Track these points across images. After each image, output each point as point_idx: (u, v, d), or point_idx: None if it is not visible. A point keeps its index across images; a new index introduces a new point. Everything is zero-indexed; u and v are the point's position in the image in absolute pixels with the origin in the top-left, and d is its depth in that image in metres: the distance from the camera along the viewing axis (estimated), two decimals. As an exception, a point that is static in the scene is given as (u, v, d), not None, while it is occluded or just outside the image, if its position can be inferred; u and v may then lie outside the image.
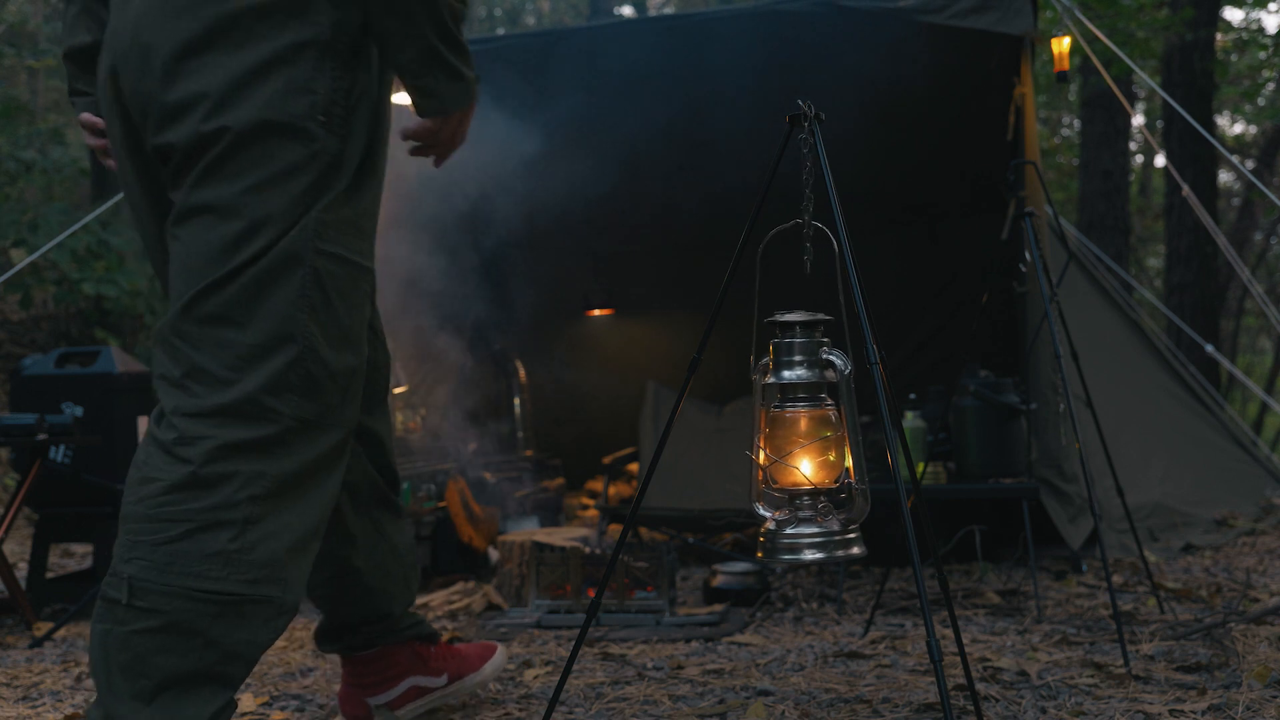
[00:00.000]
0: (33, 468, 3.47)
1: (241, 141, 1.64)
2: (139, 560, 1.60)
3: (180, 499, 1.61)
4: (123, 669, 1.60)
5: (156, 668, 1.60)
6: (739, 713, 2.27)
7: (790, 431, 1.92)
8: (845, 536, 1.89)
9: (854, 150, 3.54)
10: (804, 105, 1.97)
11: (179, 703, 1.61)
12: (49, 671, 2.86)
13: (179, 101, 1.66)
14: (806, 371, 1.92)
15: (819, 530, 1.89)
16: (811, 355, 1.93)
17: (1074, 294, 4.62)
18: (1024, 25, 3.86)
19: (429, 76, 1.76)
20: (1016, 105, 4.01)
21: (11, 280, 6.85)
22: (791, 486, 1.93)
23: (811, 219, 1.96)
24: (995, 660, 2.61)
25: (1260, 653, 2.55)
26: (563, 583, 3.36)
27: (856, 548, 1.90)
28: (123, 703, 1.59)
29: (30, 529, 5.16)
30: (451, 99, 1.78)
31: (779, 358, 1.94)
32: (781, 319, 1.94)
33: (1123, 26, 8.14)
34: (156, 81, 1.67)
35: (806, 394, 1.93)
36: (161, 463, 1.64)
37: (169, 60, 1.66)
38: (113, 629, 1.61)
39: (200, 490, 1.62)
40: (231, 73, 1.65)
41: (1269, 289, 12.90)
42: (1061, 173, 12.81)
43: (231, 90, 1.64)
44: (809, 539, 1.89)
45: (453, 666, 2.26)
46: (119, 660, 1.60)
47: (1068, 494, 3.87)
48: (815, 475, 1.91)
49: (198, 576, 1.59)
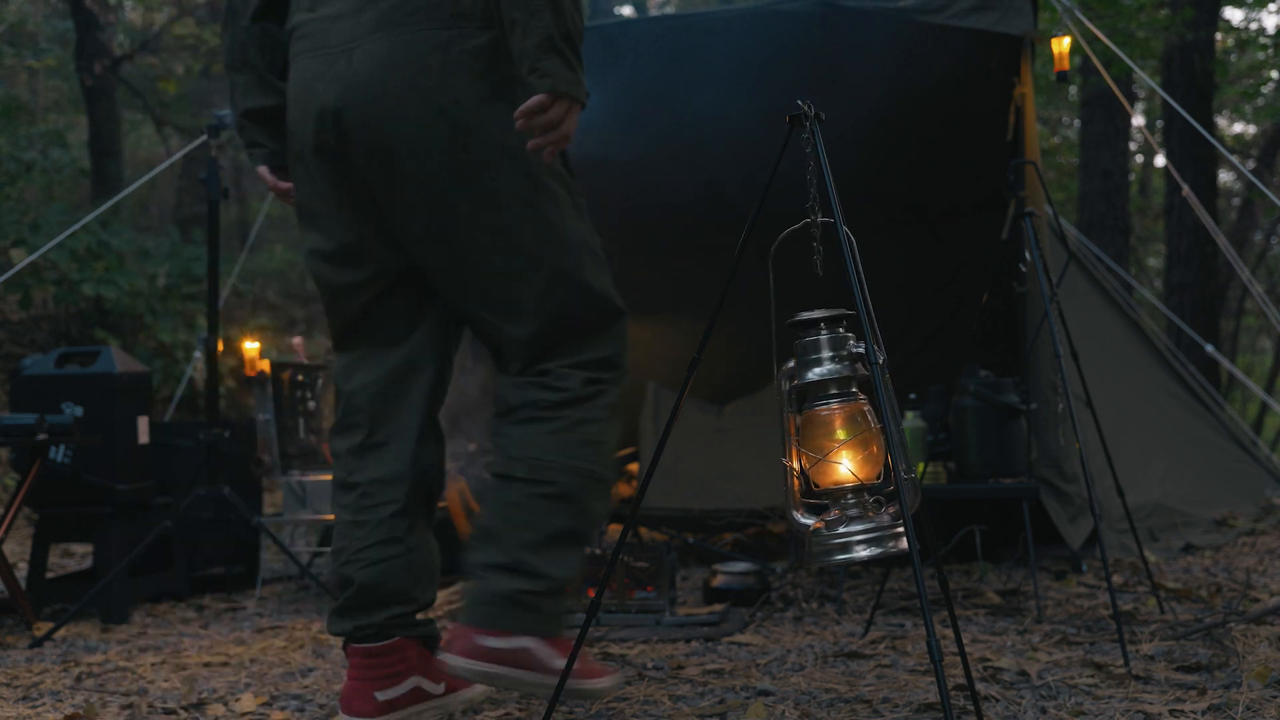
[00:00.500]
0: (33, 468, 3.47)
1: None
2: (535, 446, 2.04)
3: (565, 410, 2.06)
4: (517, 525, 2.02)
5: (546, 525, 2.02)
6: (739, 713, 2.27)
7: (828, 430, 1.91)
8: (894, 530, 1.88)
9: (854, 150, 3.54)
10: (804, 105, 1.97)
11: (561, 553, 2.03)
12: (49, 671, 2.86)
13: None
14: (836, 366, 1.91)
15: (870, 526, 1.87)
16: (839, 350, 1.92)
17: (1074, 294, 4.62)
18: (1024, 25, 3.86)
19: (546, 60, 1.92)
20: (1016, 105, 4.01)
21: (11, 280, 6.85)
22: (835, 486, 1.91)
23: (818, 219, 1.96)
24: (995, 660, 2.61)
25: (1260, 653, 2.55)
26: (563, 583, 3.35)
27: (905, 541, 1.88)
28: (512, 552, 2.00)
29: (30, 529, 5.16)
30: (563, 82, 1.92)
31: (805, 357, 1.93)
32: (804, 317, 1.93)
33: (1123, 26, 8.14)
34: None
35: (838, 390, 1.92)
36: (540, 394, 2.07)
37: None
38: (512, 495, 2.03)
39: (579, 403, 2.07)
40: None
41: (1269, 289, 12.90)
42: (1061, 173, 12.80)
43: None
44: (861, 535, 1.86)
45: (450, 678, 2.26)
46: (515, 518, 2.02)
47: (1068, 494, 3.87)
48: (860, 471, 1.90)
49: (581, 459, 2.02)
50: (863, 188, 4.23)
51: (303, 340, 4.20)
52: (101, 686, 2.70)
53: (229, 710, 2.44)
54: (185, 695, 2.56)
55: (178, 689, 2.64)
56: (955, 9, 3.88)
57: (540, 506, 2.04)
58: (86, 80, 9.47)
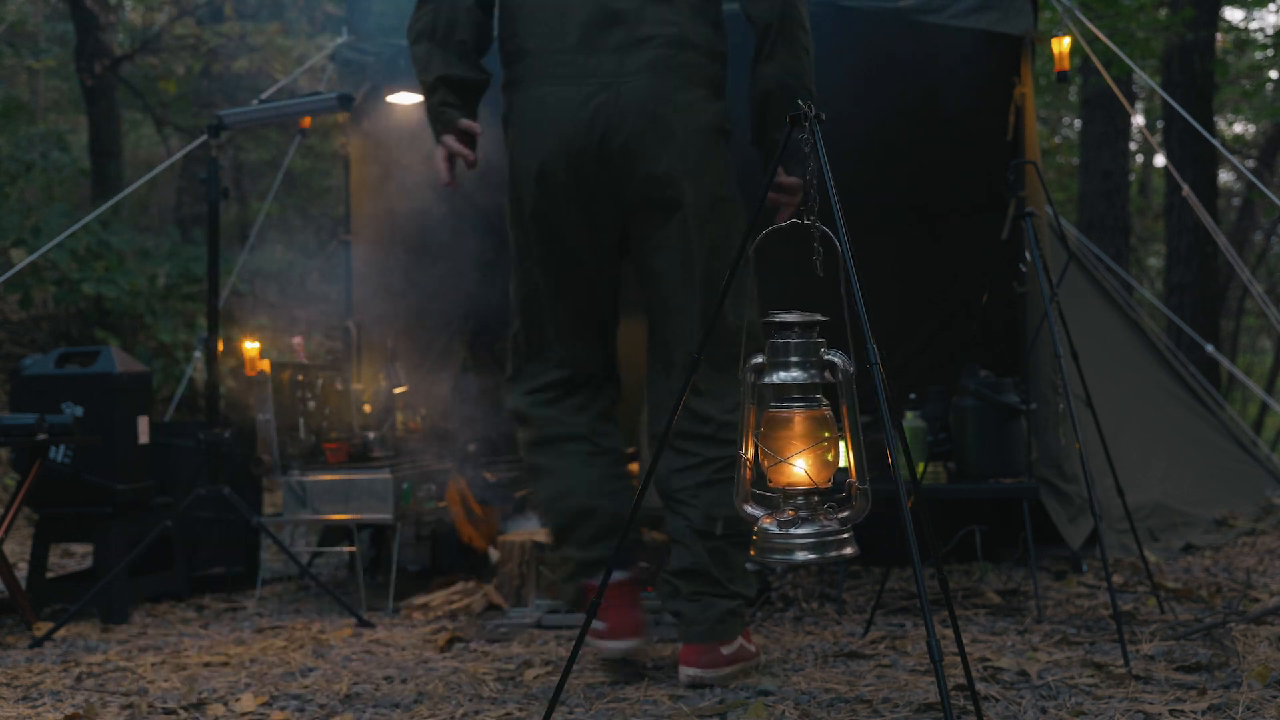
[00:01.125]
0: (33, 468, 3.47)
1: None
2: (726, 505, 2.50)
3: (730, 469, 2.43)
4: (720, 565, 2.54)
5: (736, 562, 2.58)
6: (739, 713, 2.27)
7: (787, 431, 1.90)
8: (839, 536, 1.88)
9: (854, 150, 3.53)
10: (804, 105, 1.97)
11: (746, 579, 2.60)
12: (49, 671, 2.86)
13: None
14: (803, 373, 1.90)
15: (815, 530, 1.88)
16: (810, 356, 1.91)
17: (1074, 294, 4.62)
18: (1024, 25, 3.86)
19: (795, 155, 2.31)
20: (1016, 105, 4.01)
21: (11, 280, 6.86)
22: (786, 486, 1.91)
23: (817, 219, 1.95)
24: (995, 660, 2.61)
25: (1260, 653, 2.55)
26: (563, 583, 3.35)
27: (849, 548, 1.89)
28: (720, 584, 2.54)
29: (30, 529, 5.16)
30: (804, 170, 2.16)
31: (776, 358, 1.93)
32: (778, 319, 1.92)
33: (1123, 26, 8.13)
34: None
35: (801, 394, 1.92)
36: (720, 450, 2.56)
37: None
38: (713, 544, 2.54)
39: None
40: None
41: (1269, 289, 12.90)
42: (1061, 173, 12.80)
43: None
44: (803, 539, 1.87)
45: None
46: (717, 560, 2.54)
47: (1068, 494, 3.87)
48: (812, 475, 1.90)
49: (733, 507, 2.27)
50: (863, 188, 4.23)
51: (303, 340, 4.19)
52: (101, 686, 2.70)
53: (229, 710, 2.44)
54: (185, 695, 2.56)
55: (178, 689, 2.64)
56: (955, 9, 3.88)
57: (735, 549, 2.57)
58: (86, 80, 9.47)
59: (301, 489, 3.68)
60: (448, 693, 2.54)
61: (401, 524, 3.78)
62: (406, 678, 2.70)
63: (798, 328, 1.91)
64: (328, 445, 3.86)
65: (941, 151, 4.62)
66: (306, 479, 3.68)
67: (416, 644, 3.11)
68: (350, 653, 3.02)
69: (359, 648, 3.09)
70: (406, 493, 3.69)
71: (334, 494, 3.66)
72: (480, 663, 2.84)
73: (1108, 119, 9.38)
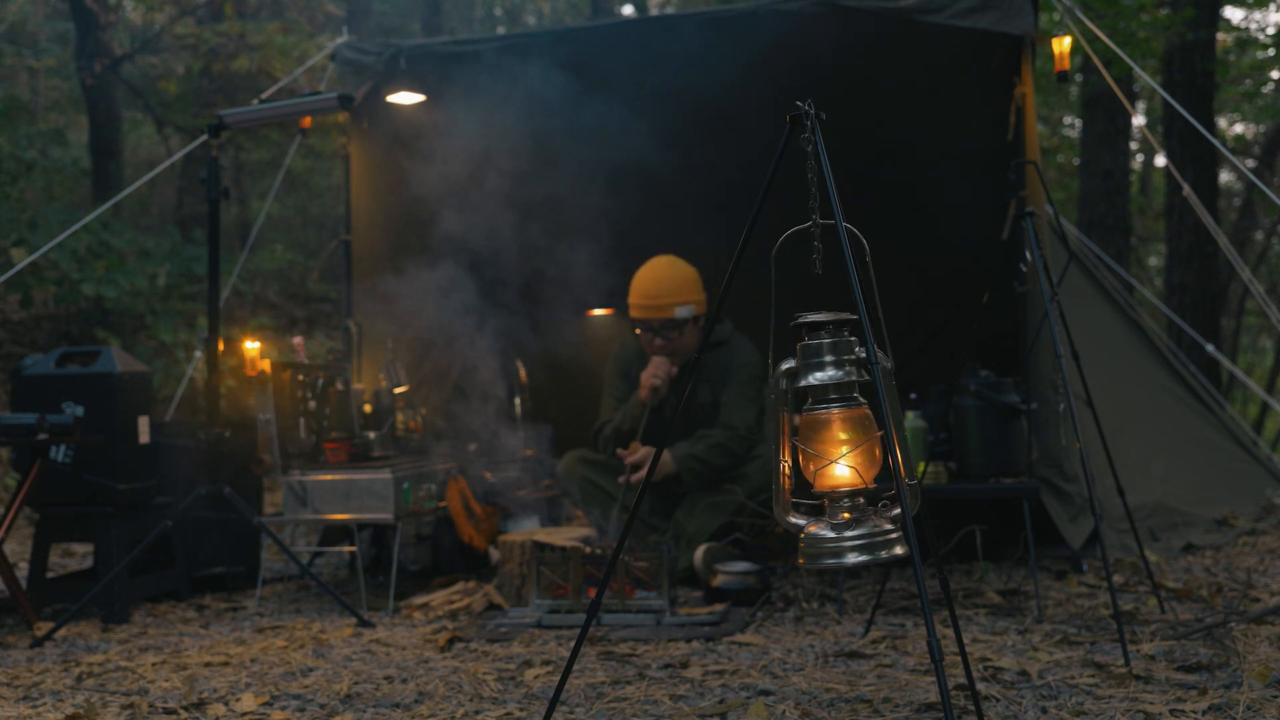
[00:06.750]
0: (33, 467, 3.47)
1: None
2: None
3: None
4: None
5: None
6: (739, 712, 2.27)
7: (828, 433, 1.88)
8: (889, 536, 1.85)
9: (854, 150, 3.53)
10: (804, 105, 1.97)
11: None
12: (49, 671, 2.86)
13: None
14: (840, 371, 1.88)
15: (866, 531, 1.85)
16: (843, 354, 1.90)
17: (1074, 294, 4.61)
18: (1024, 25, 3.86)
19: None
20: (1017, 105, 4.01)
21: (12, 280, 6.86)
22: (831, 489, 1.89)
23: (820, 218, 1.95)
24: (996, 660, 2.61)
25: (1261, 652, 2.55)
26: (563, 583, 3.36)
27: (900, 547, 1.85)
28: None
29: (30, 529, 5.16)
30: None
31: (809, 359, 1.91)
32: (809, 319, 1.91)
33: (1123, 26, 8.13)
34: None
35: (839, 394, 1.90)
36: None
37: None
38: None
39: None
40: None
41: (1270, 288, 12.89)
42: (1062, 173, 12.79)
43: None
44: (854, 541, 1.84)
45: None
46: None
47: (1068, 494, 3.86)
48: (858, 475, 1.88)
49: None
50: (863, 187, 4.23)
51: (303, 340, 4.19)
52: (102, 686, 2.70)
53: (229, 710, 2.44)
54: (185, 695, 2.56)
55: (178, 689, 2.64)
56: (956, 8, 3.88)
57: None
58: (86, 80, 9.47)
59: (302, 489, 3.68)
60: (448, 692, 2.54)
61: (401, 524, 3.78)
62: (407, 677, 2.70)
63: (829, 327, 1.89)
64: (328, 445, 3.86)
65: (942, 152, 4.62)
66: (307, 479, 3.68)
67: (417, 644, 3.11)
68: (350, 652, 3.02)
69: (359, 647, 3.09)
70: (406, 493, 3.70)
71: (334, 494, 3.66)
72: (480, 662, 2.84)
73: (1108, 119, 9.38)
